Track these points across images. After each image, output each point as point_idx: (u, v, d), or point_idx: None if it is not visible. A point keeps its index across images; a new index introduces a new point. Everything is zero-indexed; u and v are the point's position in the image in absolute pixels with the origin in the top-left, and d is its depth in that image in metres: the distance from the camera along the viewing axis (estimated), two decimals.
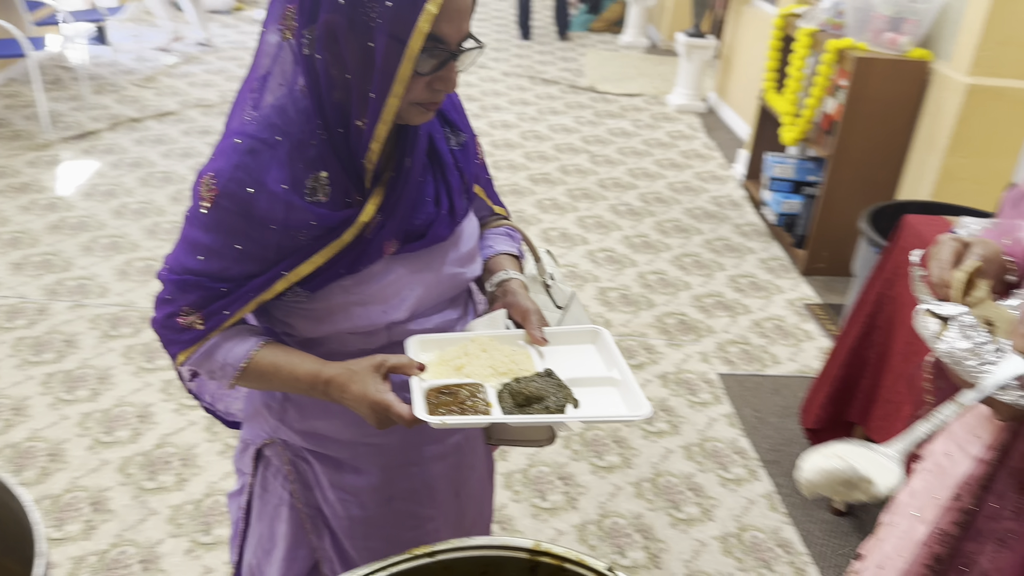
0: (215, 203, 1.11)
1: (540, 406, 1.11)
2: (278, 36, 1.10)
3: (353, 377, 1.13)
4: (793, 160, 4.49)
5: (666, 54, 8.54)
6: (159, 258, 3.85)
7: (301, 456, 1.36)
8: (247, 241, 1.13)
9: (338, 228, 1.14)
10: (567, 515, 2.53)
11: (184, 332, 1.18)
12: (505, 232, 1.46)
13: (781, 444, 2.92)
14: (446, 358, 1.19)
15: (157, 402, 2.90)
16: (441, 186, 1.25)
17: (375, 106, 1.06)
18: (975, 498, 1.29)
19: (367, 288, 1.19)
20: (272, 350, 1.20)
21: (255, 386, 1.24)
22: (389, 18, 1.00)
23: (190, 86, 6.40)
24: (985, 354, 1.03)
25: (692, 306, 3.78)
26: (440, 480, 1.39)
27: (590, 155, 5.57)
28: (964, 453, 1.31)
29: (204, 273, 1.15)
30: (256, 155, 1.10)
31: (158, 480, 2.55)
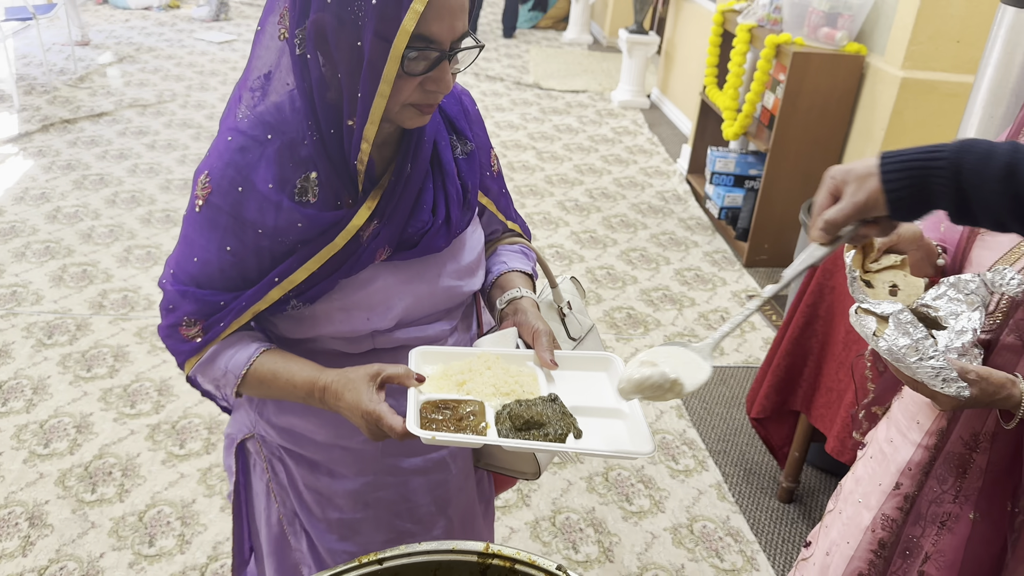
0: (208, 201, 1.10)
1: (539, 432, 1.04)
2: (276, 37, 1.08)
3: (348, 385, 1.10)
4: (735, 154, 4.56)
5: (609, 51, 8.60)
6: (95, 263, 3.74)
7: (277, 455, 1.32)
8: (238, 243, 1.11)
9: (329, 231, 1.11)
10: (520, 512, 2.53)
11: (186, 342, 1.17)
12: (520, 250, 1.42)
13: (728, 434, 2.97)
14: (449, 373, 1.14)
15: (96, 411, 2.81)
16: (440, 195, 1.21)
17: (363, 105, 1.03)
18: (917, 483, 1.32)
19: (351, 293, 1.16)
20: (272, 357, 1.17)
21: (257, 393, 1.21)
22: (374, 16, 0.97)
23: (126, 86, 6.23)
24: (925, 349, 1.06)
25: (640, 300, 3.82)
26: (420, 495, 1.34)
27: (536, 151, 5.58)
28: (905, 439, 1.34)
29: (202, 278, 1.13)
30: (245, 153, 1.08)
31: (98, 492, 2.48)
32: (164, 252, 3.90)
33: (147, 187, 4.57)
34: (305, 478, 1.31)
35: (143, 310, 3.43)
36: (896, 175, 0.90)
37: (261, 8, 8.30)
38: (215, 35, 7.90)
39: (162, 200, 4.43)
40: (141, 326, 3.31)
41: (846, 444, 2.25)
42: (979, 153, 0.86)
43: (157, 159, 4.96)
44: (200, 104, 5.96)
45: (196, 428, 2.77)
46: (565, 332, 1.38)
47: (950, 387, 1.05)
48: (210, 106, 5.94)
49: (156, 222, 4.19)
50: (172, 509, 2.44)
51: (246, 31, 8.24)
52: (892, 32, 3.56)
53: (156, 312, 3.41)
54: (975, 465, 1.25)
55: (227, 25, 8.41)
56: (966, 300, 1.12)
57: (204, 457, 2.65)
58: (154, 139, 5.26)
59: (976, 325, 1.11)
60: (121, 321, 3.34)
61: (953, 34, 3.40)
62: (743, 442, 2.93)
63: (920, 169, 0.89)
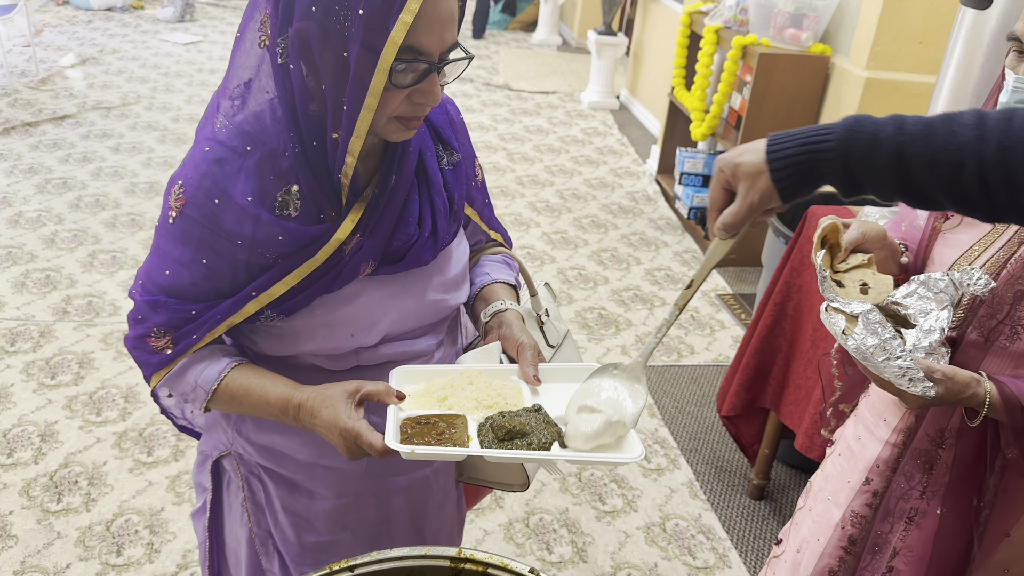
0: (182, 213, 1.05)
1: (523, 442, 1.02)
2: (257, 44, 1.04)
3: (325, 402, 1.06)
4: (703, 155, 4.60)
5: (578, 52, 8.63)
6: (58, 268, 3.68)
7: (255, 473, 1.28)
8: (214, 256, 1.07)
9: (311, 246, 1.08)
10: (493, 514, 2.53)
11: (155, 354, 1.13)
12: (503, 260, 1.39)
13: (700, 432, 2.99)
14: (430, 390, 1.11)
15: (61, 419, 2.76)
16: (426, 207, 1.17)
17: (349, 118, 0.99)
18: (885, 480, 1.34)
19: (335, 309, 1.13)
20: (244, 372, 1.13)
21: (227, 409, 1.17)
22: (361, 27, 0.94)
23: (89, 88, 6.13)
24: (893, 349, 1.07)
25: (611, 300, 3.83)
26: (400, 514, 1.31)
27: (507, 152, 5.58)
28: (873, 437, 1.36)
29: (173, 291, 1.09)
30: (223, 164, 1.04)
31: (64, 501, 2.44)
32: (129, 256, 3.84)
33: (112, 191, 4.50)
34: (283, 498, 1.27)
35: (108, 316, 3.37)
36: (786, 171, 0.90)
37: (227, 9, 8.18)
38: (180, 36, 7.80)
39: (127, 204, 4.36)
40: (106, 332, 3.26)
41: (815, 441, 2.28)
42: (865, 138, 0.86)
43: (122, 162, 4.89)
44: (165, 106, 5.89)
45: (164, 435, 2.73)
46: (544, 339, 1.37)
47: (916, 387, 1.07)
48: (175, 108, 5.87)
49: (121, 226, 4.12)
50: (140, 518, 2.40)
51: (212, 32, 8.15)
52: (856, 33, 3.61)
53: (122, 318, 3.36)
54: (941, 461, 1.27)
55: (192, 26, 8.31)
56: (935, 298, 1.14)
57: (172, 464, 2.61)
58: (118, 142, 5.18)
59: (944, 324, 1.12)
60: (86, 327, 3.28)
61: (915, 35, 3.45)
62: (714, 440, 2.96)
63: (809, 161, 0.89)
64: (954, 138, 0.82)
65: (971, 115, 0.83)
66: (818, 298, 2.29)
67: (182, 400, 1.20)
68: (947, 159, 0.82)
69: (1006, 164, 0.79)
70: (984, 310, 1.17)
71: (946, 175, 0.82)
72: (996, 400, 1.11)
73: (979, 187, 0.81)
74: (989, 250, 1.19)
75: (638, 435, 1.06)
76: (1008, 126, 0.80)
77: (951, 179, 0.82)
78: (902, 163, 0.84)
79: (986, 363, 1.18)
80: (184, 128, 5.50)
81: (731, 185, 0.94)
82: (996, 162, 0.80)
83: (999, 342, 1.16)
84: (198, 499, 1.38)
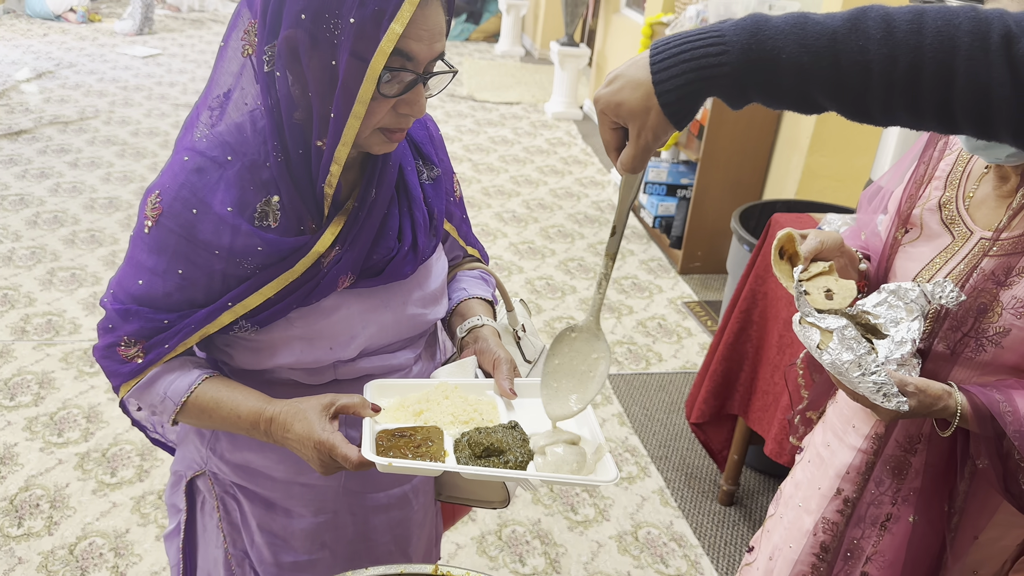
0: (158, 222, 1.04)
1: (500, 460, 1.02)
2: (240, 53, 1.03)
3: (298, 416, 1.05)
4: (666, 164, 4.64)
5: (541, 63, 8.67)
6: (15, 287, 3.60)
7: (230, 492, 1.26)
8: (189, 266, 1.06)
9: (289, 257, 1.07)
10: (465, 528, 2.51)
11: (125, 364, 1.11)
12: (479, 275, 1.40)
13: (669, 439, 3.01)
14: (405, 403, 1.11)
15: (21, 441, 2.70)
16: (406, 221, 1.18)
17: (336, 126, 0.99)
18: (856, 487, 1.35)
19: (314, 323, 1.12)
20: (215, 385, 1.12)
21: (197, 423, 1.15)
22: (352, 35, 0.94)
23: (45, 102, 6.02)
24: (868, 364, 1.08)
25: (579, 309, 3.85)
26: (380, 533, 1.30)
27: (472, 163, 5.59)
28: (842, 443, 1.37)
29: (145, 300, 1.08)
30: (203, 174, 1.04)
31: (25, 526, 2.38)
32: (89, 273, 3.77)
33: (70, 207, 4.42)
34: (260, 518, 1.25)
35: (69, 334, 3.31)
36: (678, 104, 0.80)
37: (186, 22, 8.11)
38: (139, 49, 7.70)
39: (86, 220, 4.29)
40: (67, 351, 3.19)
41: (784, 446, 2.30)
42: (766, 61, 0.77)
43: (80, 177, 4.80)
44: (124, 120, 5.80)
45: (128, 455, 2.68)
46: (521, 355, 1.37)
47: (890, 401, 1.08)
48: (135, 122, 5.78)
49: (80, 243, 4.05)
50: (104, 540, 2.35)
51: (171, 45, 8.05)
52: None
53: (83, 336, 3.30)
54: (912, 467, 1.29)
55: (151, 39, 8.21)
56: (906, 308, 1.15)
57: (137, 485, 2.56)
58: (76, 157, 5.09)
59: (916, 336, 1.13)
60: (46, 346, 3.21)
61: None
62: (684, 447, 2.98)
63: (703, 87, 0.79)
64: (863, 55, 0.75)
65: (877, 21, 0.75)
66: (784, 304, 2.32)
67: (151, 412, 1.17)
68: (855, 83, 0.76)
69: (913, 88, 0.74)
70: (948, 323, 1.19)
71: (852, 97, 0.77)
72: (967, 411, 1.12)
73: (881, 106, 0.76)
74: (950, 262, 1.21)
75: (610, 454, 1.07)
76: (918, 40, 0.73)
77: (855, 100, 0.77)
78: (805, 84, 0.77)
79: (954, 373, 1.20)
80: (143, 142, 5.43)
81: (618, 124, 0.87)
82: (904, 87, 0.74)
83: (965, 354, 1.18)
84: (171, 520, 1.35)
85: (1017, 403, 1.11)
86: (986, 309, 1.15)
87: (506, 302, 1.41)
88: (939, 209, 1.26)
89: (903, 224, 1.30)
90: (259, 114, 1.05)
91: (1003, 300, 1.14)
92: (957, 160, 1.28)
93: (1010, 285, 1.14)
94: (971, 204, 1.23)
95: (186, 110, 6.15)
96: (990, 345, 1.16)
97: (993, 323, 1.15)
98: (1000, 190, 1.20)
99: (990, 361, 1.17)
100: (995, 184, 1.21)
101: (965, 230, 1.22)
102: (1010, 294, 1.13)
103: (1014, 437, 1.10)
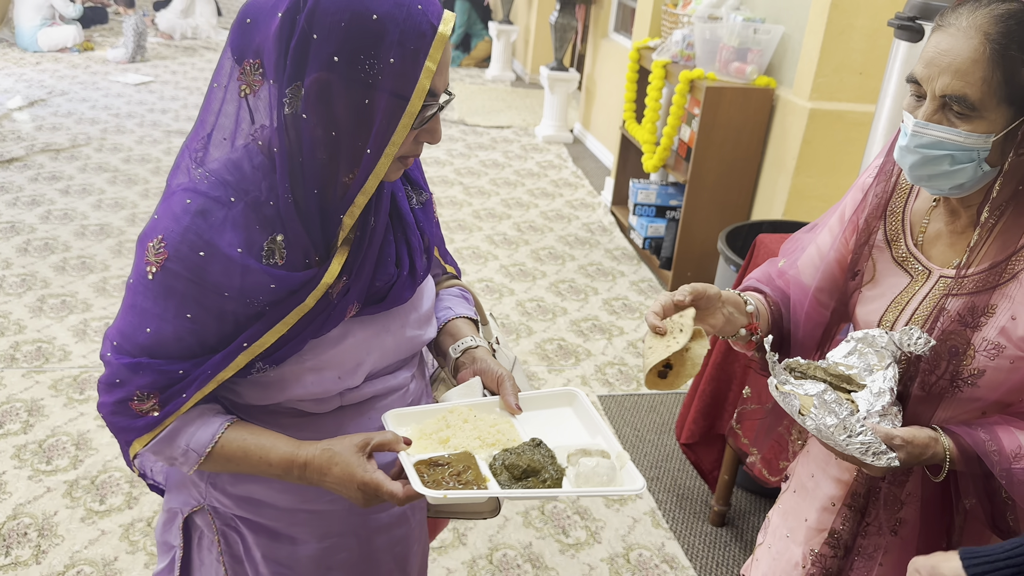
0: (163, 267, 1.03)
1: (537, 479, 1.08)
2: (236, 94, 1.05)
3: (334, 459, 1.08)
4: (655, 186, 4.67)
5: (532, 87, 8.74)
6: (5, 314, 3.59)
7: (231, 525, 1.25)
8: (199, 309, 1.05)
9: (300, 291, 1.08)
10: (456, 552, 2.50)
11: (139, 418, 1.09)
12: (459, 293, 1.42)
13: (660, 460, 3.00)
14: (426, 431, 1.15)
15: (9, 469, 2.68)
16: (403, 246, 1.21)
17: (369, 161, 1.03)
18: (843, 518, 1.34)
19: (322, 354, 1.13)
20: (239, 432, 1.12)
21: (220, 469, 1.15)
22: (391, 75, 0.99)
23: (37, 130, 6.04)
24: (852, 426, 1.08)
25: (570, 331, 3.85)
26: (383, 553, 1.31)
27: (463, 187, 5.62)
28: (826, 475, 1.36)
29: (155, 349, 1.06)
30: (207, 216, 1.03)
31: (13, 555, 2.36)
32: (80, 300, 3.77)
33: (61, 234, 4.42)
34: (264, 548, 1.25)
35: (58, 361, 3.30)
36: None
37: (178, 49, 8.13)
38: (131, 77, 7.74)
39: (77, 247, 4.29)
40: (56, 378, 3.18)
41: (773, 466, 2.30)
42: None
43: (71, 204, 4.81)
44: (116, 147, 5.82)
45: (117, 482, 2.67)
46: None
47: (880, 460, 1.07)
48: (126, 149, 5.80)
49: (71, 269, 4.05)
50: (93, 569, 2.33)
51: (163, 72, 8.10)
52: (799, 66, 3.72)
53: (73, 363, 3.29)
54: (899, 498, 1.27)
55: (143, 66, 8.25)
56: (877, 354, 1.15)
57: (126, 512, 2.55)
58: (68, 184, 5.10)
59: (892, 384, 1.13)
60: (35, 374, 3.20)
61: (856, 66, 3.57)
62: (675, 468, 2.97)
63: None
64: None
65: None
66: None
67: (168, 463, 1.16)
68: None
69: None
70: (923, 366, 1.18)
71: None
72: (955, 454, 1.12)
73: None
74: (912, 303, 1.21)
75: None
76: None
77: None
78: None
79: (937, 414, 1.20)
80: (135, 168, 5.44)
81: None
82: None
83: (943, 396, 1.18)
84: (161, 558, 1.33)
85: (1003, 442, 1.10)
86: (958, 352, 1.15)
87: (481, 316, 1.45)
88: (888, 246, 1.26)
89: (858, 247, 1.29)
90: (255, 150, 1.07)
91: (974, 343, 1.13)
92: (896, 191, 1.28)
93: (979, 327, 1.13)
94: (924, 241, 1.23)
95: (179, 137, 6.17)
96: (966, 386, 1.15)
97: (967, 366, 1.14)
98: (952, 226, 1.21)
99: (969, 399, 1.17)
100: (946, 220, 1.22)
101: (922, 269, 1.22)
102: (980, 336, 1.13)
103: (1000, 476, 1.09)
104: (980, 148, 1.09)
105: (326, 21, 0.97)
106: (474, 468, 1.08)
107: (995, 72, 1.05)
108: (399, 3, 0.99)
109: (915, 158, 1.13)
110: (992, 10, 1.06)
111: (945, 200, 1.21)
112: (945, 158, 1.10)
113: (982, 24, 1.06)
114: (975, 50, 1.05)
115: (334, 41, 0.97)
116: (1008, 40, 1.04)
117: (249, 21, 1.03)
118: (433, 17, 1.01)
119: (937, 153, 1.11)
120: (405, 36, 0.98)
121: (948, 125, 1.10)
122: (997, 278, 1.14)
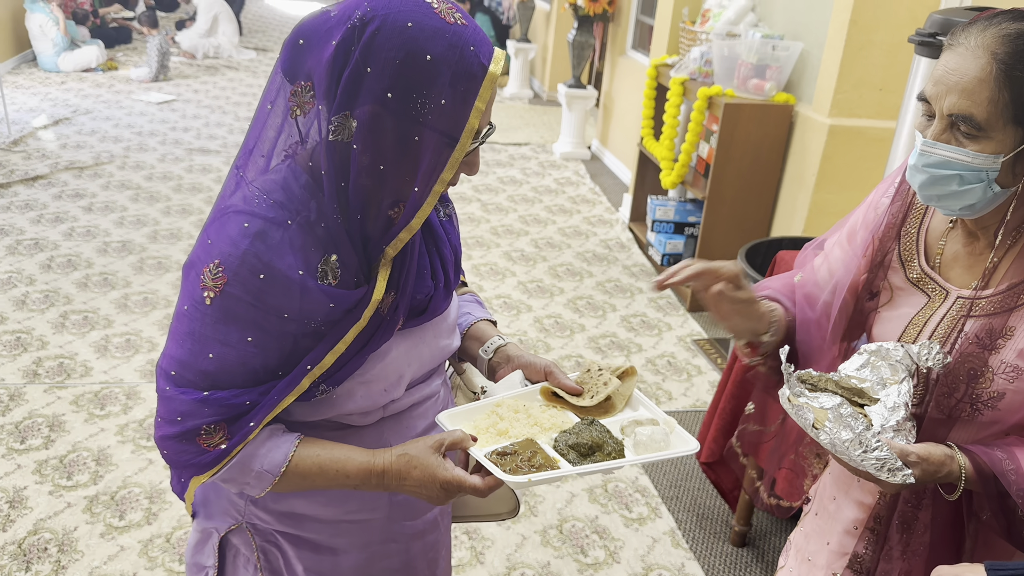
0: (223, 292, 1.03)
1: (603, 453, 1.14)
2: (284, 110, 1.06)
3: (412, 462, 1.12)
4: (673, 202, 4.66)
5: (549, 104, 8.77)
6: (28, 330, 3.63)
7: (271, 540, 1.25)
8: (260, 333, 1.06)
9: (355, 310, 1.10)
10: (474, 571, 2.49)
11: (206, 453, 1.08)
12: (474, 299, 1.47)
13: (680, 480, 2.98)
14: (481, 426, 1.19)
15: (31, 485, 2.70)
16: (436, 259, 1.24)
17: (417, 198, 1.05)
18: (865, 542, 1.32)
19: (370, 368, 1.15)
20: (311, 448, 1.13)
21: (291, 488, 1.15)
22: (441, 115, 1.01)
23: (62, 148, 6.12)
24: (868, 441, 1.06)
25: (588, 347, 3.84)
26: (419, 559, 1.33)
27: (481, 203, 5.63)
28: (848, 498, 1.34)
29: (220, 377, 1.06)
30: (266, 238, 1.04)
31: (33, 570, 2.37)
32: (101, 316, 3.80)
33: (84, 250, 4.47)
34: (307, 561, 1.25)
35: (80, 377, 3.32)
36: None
37: (201, 68, 8.25)
38: (154, 95, 7.84)
39: (100, 263, 4.34)
40: (78, 394, 3.21)
41: (795, 485, 2.27)
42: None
43: (94, 221, 4.87)
44: (139, 165, 5.89)
45: (136, 498, 2.68)
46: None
47: (895, 476, 1.05)
48: (149, 167, 5.87)
49: (94, 286, 4.09)
50: None
51: (185, 91, 8.20)
52: (818, 82, 3.71)
53: (94, 379, 3.31)
54: (920, 522, 1.25)
55: (166, 85, 8.36)
56: (890, 368, 1.14)
57: (145, 528, 2.55)
58: (91, 201, 5.17)
59: (907, 399, 1.12)
60: (57, 389, 3.23)
61: (875, 82, 3.55)
62: (695, 487, 2.94)
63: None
64: None
65: None
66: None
67: (237, 489, 1.15)
68: None
69: None
70: (940, 388, 1.16)
71: None
72: (971, 473, 1.10)
73: None
74: (930, 323, 1.19)
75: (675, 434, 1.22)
76: None
77: None
78: None
79: (953, 434, 1.18)
80: (157, 186, 5.50)
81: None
82: None
83: (961, 418, 1.16)
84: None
85: (1020, 461, 1.08)
86: (977, 375, 1.13)
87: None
88: (902, 267, 1.25)
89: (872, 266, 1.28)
90: (299, 170, 1.08)
91: (992, 365, 1.12)
92: (911, 211, 1.27)
93: (997, 349, 1.12)
94: (942, 262, 1.22)
95: (200, 155, 6.24)
96: (986, 409, 1.14)
97: (986, 388, 1.13)
98: (970, 248, 1.19)
99: (988, 422, 1.15)
100: (964, 242, 1.20)
101: (940, 289, 1.21)
102: (998, 359, 1.12)
103: (1017, 496, 1.08)
104: (989, 169, 1.07)
105: (381, 57, 0.98)
106: (541, 452, 1.13)
107: (1002, 92, 1.04)
108: (453, 45, 1.00)
109: (924, 177, 1.12)
110: (1001, 29, 1.05)
111: (962, 222, 1.20)
112: (953, 178, 1.09)
113: (990, 44, 1.05)
114: (982, 70, 1.04)
115: (387, 77, 0.99)
116: (1015, 60, 1.03)
117: (302, 43, 1.04)
118: (484, 57, 1.03)
119: (945, 173, 1.09)
120: (457, 78, 1.00)
121: (956, 145, 1.08)
122: (1015, 300, 1.12)
